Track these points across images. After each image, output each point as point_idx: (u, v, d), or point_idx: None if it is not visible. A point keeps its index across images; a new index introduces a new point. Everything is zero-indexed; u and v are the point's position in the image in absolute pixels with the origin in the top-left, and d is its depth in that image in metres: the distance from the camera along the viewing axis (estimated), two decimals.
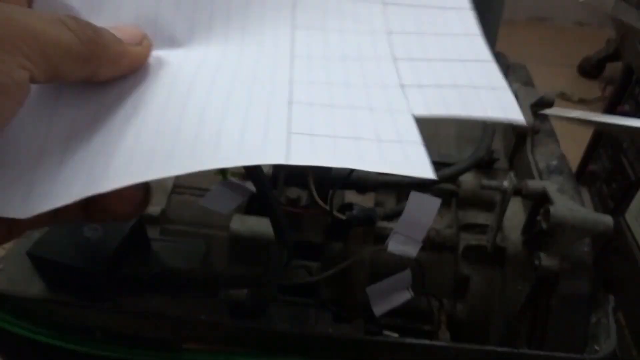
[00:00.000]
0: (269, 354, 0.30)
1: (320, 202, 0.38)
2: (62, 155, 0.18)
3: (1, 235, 0.21)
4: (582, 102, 1.36)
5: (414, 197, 0.32)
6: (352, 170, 0.40)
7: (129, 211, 0.23)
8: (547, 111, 0.39)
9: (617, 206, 0.66)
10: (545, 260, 0.37)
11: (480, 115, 0.18)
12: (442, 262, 0.45)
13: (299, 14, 0.20)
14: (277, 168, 0.40)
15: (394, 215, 0.42)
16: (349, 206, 0.41)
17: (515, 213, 0.45)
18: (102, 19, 0.21)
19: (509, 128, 0.52)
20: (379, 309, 0.37)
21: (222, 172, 0.35)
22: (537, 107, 0.51)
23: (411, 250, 0.33)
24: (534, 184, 0.39)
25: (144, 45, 0.25)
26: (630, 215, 0.61)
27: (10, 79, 0.19)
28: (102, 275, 0.30)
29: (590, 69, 1.46)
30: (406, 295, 0.38)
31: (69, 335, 0.28)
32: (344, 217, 0.40)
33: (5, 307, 0.31)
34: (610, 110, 0.69)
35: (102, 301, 0.31)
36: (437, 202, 0.32)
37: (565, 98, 1.35)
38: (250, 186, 0.37)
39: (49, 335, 0.29)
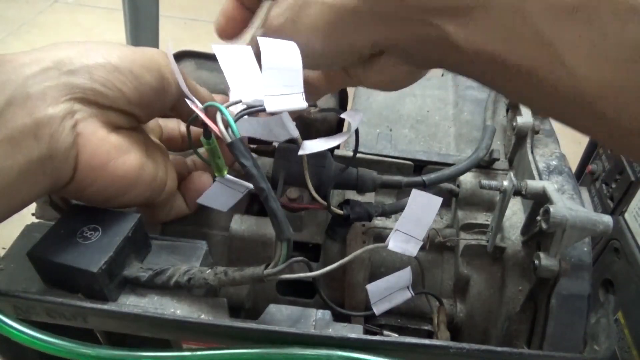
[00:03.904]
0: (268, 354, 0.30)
1: (318, 197, 0.38)
2: None
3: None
4: None
5: (415, 195, 0.32)
6: (346, 167, 0.40)
7: None
8: None
9: (617, 206, 0.66)
10: (545, 260, 0.37)
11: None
12: (442, 262, 0.45)
13: None
14: (277, 168, 0.40)
15: (392, 212, 0.42)
16: (347, 202, 0.41)
17: (515, 213, 0.45)
18: None
19: (509, 128, 0.52)
20: (379, 308, 0.37)
21: (219, 169, 0.35)
22: None
23: (411, 249, 0.33)
24: (534, 184, 0.39)
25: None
26: (630, 215, 0.61)
27: None
28: (102, 275, 0.30)
29: None
30: (406, 294, 0.38)
31: (68, 335, 0.28)
32: (342, 213, 0.40)
33: (5, 306, 0.31)
34: None
35: (102, 301, 0.31)
36: (438, 200, 0.32)
37: None
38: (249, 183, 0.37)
39: (49, 335, 0.29)
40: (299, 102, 0.29)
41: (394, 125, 0.54)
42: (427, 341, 0.30)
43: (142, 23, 1.09)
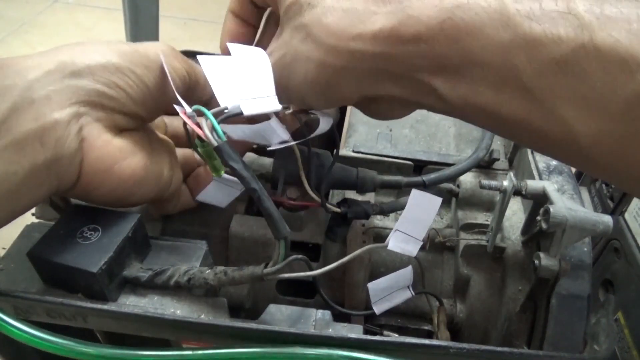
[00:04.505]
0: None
1: (312, 194, 0.38)
2: None
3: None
4: None
5: (415, 195, 0.32)
6: (332, 163, 0.41)
7: None
8: None
9: (617, 206, 0.66)
10: (545, 260, 0.37)
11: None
12: (442, 262, 0.45)
13: None
14: (277, 168, 0.40)
15: (390, 210, 0.42)
16: (345, 201, 0.41)
17: (515, 213, 0.45)
18: None
19: None
20: (379, 307, 0.37)
21: (216, 169, 0.35)
22: None
23: (411, 249, 0.33)
24: (534, 184, 0.39)
25: None
26: (630, 215, 0.61)
27: None
28: (102, 275, 0.30)
29: None
30: (406, 294, 0.38)
31: (69, 335, 0.28)
32: (339, 210, 0.40)
33: (5, 306, 0.31)
34: None
35: (102, 301, 0.31)
36: (438, 200, 0.32)
37: None
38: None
39: (48, 333, 0.29)
40: (273, 105, 0.30)
41: (394, 125, 0.54)
42: (427, 341, 0.30)
43: (142, 23, 1.09)
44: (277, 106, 0.30)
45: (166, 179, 0.35)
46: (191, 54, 0.61)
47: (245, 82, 0.29)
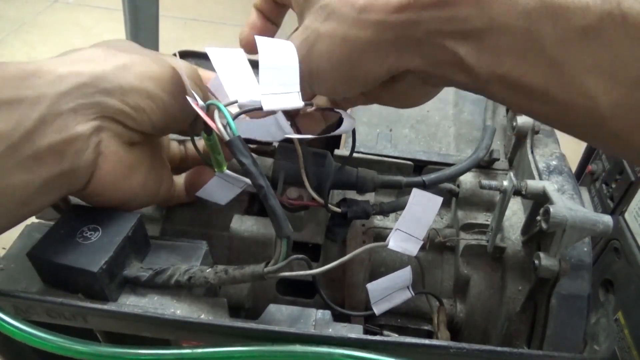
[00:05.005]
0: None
1: (315, 195, 0.38)
2: None
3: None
4: None
5: (416, 194, 0.32)
6: (342, 165, 0.41)
7: None
8: None
9: (617, 206, 0.66)
10: (545, 260, 0.37)
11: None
12: (442, 262, 0.45)
13: None
14: (277, 168, 0.40)
15: (390, 210, 0.42)
16: (345, 200, 0.41)
17: (515, 213, 0.45)
18: None
19: (509, 128, 0.52)
20: (379, 308, 0.37)
21: (219, 164, 0.35)
22: None
23: (412, 248, 0.33)
24: (534, 184, 0.39)
25: None
26: (630, 215, 0.61)
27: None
28: (102, 275, 0.30)
29: None
30: (406, 294, 0.38)
31: (70, 335, 0.28)
32: (339, 210, 0.40)
33: (5, 306, 0.31)
34: None
35: (102, 301, 0.31)
36: (438, 200, 0.32)
37: None
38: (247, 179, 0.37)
39: (41, 330, 0.29)
40: (296, 101, 0.29)
41: (394, 125, 0.54)
42: (427, 341, 0.30)
43: (142, 23, 1.09)
44: (300, 103, 0.29)
45: (158, 190, 0.36)
46: (191, 54, 0.62)
47: (268, 76, 0.28)
